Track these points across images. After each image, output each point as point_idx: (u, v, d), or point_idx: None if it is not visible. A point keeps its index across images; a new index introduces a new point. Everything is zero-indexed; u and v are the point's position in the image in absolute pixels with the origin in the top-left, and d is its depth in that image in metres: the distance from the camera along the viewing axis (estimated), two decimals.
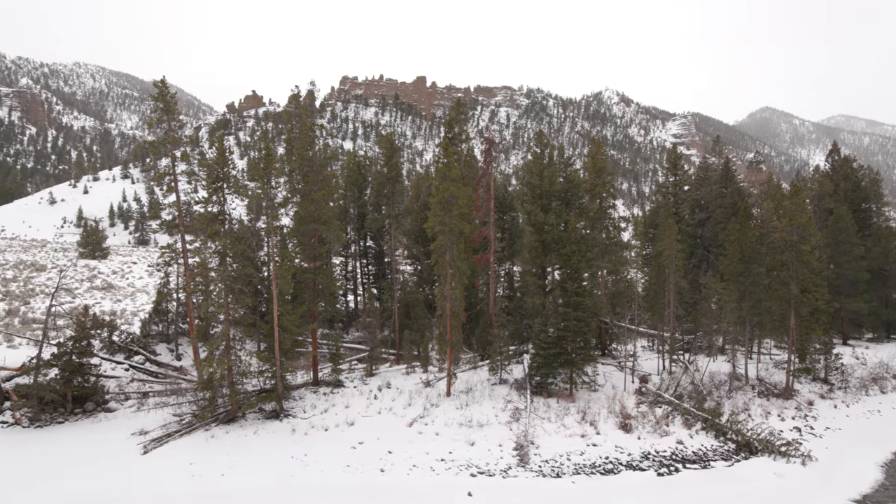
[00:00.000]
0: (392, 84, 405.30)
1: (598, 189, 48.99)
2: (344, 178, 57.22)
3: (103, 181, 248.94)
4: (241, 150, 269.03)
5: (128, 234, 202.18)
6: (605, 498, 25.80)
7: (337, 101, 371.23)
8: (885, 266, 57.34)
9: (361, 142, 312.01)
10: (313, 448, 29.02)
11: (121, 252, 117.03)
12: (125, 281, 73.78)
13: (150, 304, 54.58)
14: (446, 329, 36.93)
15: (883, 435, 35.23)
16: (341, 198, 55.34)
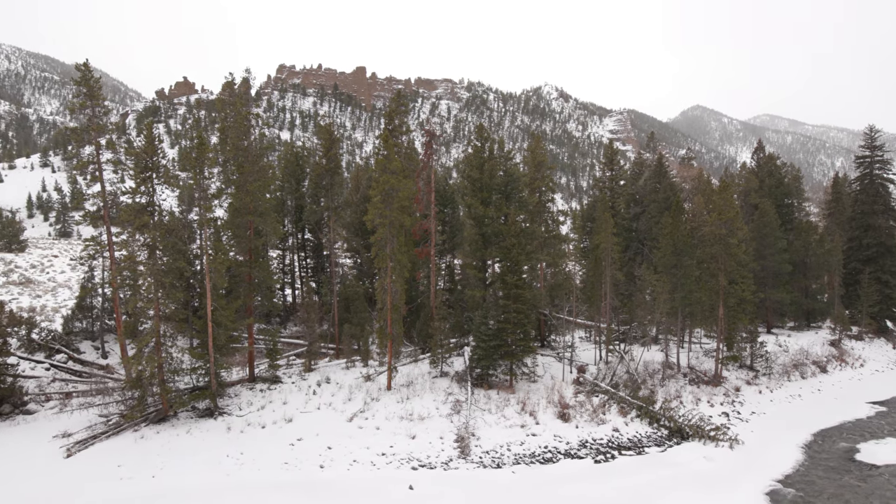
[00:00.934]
0: (331, 74, 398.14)
1: (538, 183, 49.57)
2: (281, 169, 55.91)
3: (20, 169, 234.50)
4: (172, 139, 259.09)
5: (48, 225, 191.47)
6: (544, 487, 26.21)
7: (273, 90, 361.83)
8: (806, 258, 60.46)
9: (299, 132, 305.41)
10: (250, 446, 28.28)
11: (40, 245, 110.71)
12: (45, 275, 70.00)
13: (73, 300, 52.00)
14: (387, 322, 36.66)
15: (803, 418, 37.29)
16: (278, 189, 54.07)
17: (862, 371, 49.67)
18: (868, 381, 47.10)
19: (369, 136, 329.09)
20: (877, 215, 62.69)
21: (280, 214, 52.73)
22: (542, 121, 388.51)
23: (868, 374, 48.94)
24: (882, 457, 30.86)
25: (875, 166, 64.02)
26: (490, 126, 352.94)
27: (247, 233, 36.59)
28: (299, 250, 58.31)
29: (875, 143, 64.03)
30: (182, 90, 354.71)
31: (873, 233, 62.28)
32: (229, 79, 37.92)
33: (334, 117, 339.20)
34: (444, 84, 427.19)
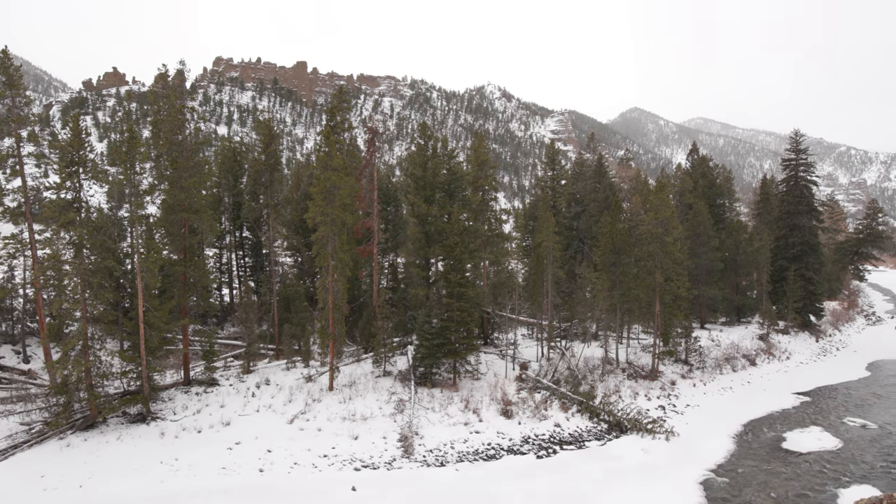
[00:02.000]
0: (271, 68, 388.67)
1: (481, 182, 49.79)
2: (218, 164, 54.20)
3: None
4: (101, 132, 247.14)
5: None
6: (488, 483, 26.36)
7: (210, 83, 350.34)
8: (736, 256, 62.98)
9: (237, 127, 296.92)
10: (185, 451, 27.30)
11: None
12: None
13: None
14: (328, 322, 36.11)
15: (734, 409, 38.81)
16: (215, 186, 52.45)
17: (788, 363, 52.11)
18: (793, 372, 49.43)
19: (310, 132, 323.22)
20: (801, 215, 65.84)
21: (217, 212, 51.15)
22: (485, 120, 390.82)
23: (793, 367, 51.37)
24: (806, 444, 32.45)
25: (800, 169, 67.17)
26: (433, 124, 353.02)
27: (181, 230, 35.26)
28: (237, 249, 56.71)
29: (800, 147, 67.18)
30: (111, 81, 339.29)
31: (798, 232, 65.40)
32: (163, 70, 36.33)
33: (274, 112, 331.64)
34: (387, 81, 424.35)
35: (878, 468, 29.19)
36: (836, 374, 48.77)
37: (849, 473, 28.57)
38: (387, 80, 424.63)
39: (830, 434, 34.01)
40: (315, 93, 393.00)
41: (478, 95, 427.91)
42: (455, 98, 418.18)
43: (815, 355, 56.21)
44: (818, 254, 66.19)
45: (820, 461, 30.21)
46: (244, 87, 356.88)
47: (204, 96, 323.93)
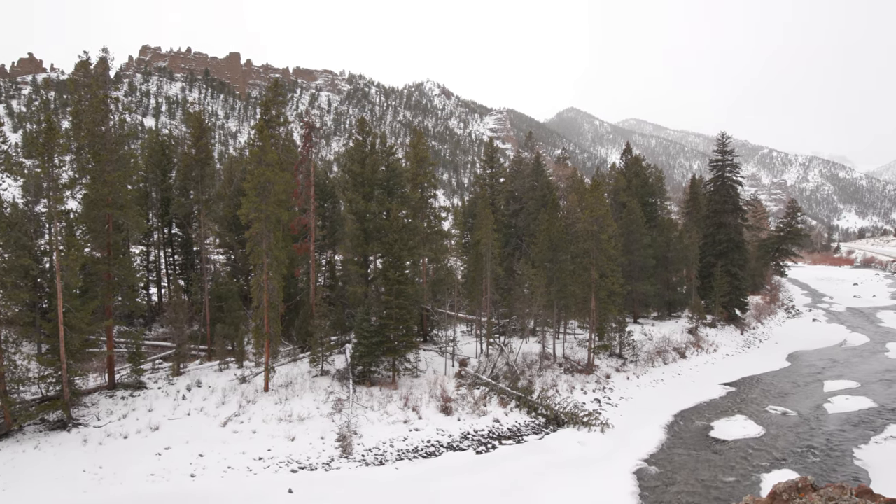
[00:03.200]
0: (202, 58, 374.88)
1: (420, 179, 49.57)
2: (144, 158, 51.77)
3: None
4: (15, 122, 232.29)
5: None
6: (427, 481, 26.37)
7: (136, 73, 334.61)
8: (667, 253, 65.05)
9: (166, 119, 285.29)
10: (110, 458, 26.02)
11: None
12: None
13: None
14: (263, 321, 35.15)
15: (666, 401, 40.19)
16: (141, 180, 50.15)
17: (715, 355, 54.29)
18: (720, 364, 51.56)
19: (244, 126, 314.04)
20: (727, 214, 68.73)
21: (143, 207, 48.86)
22: (424, 117, 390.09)
23: (720, 358, 53.57)
24: (732, 432, 33.92)
25: (726, 169, 70.08)
26: (372, 120, 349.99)
27: (105, 227, 33.50)
28: (166, 246, 54.43)
29: (726, 149, 70.08)
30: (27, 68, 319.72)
31: (724, 230, 68.25)
32: (84, 58, 34.35)
33: (205, 105, 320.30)
34: (324, 75, 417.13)
35: (797, 453, 30.80)
36: (759, 365, 51.18)
37: (770, 459, 30.04)
38: (324, 74, 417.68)
39: (754, 422, 35.62)
40: (249, 85, 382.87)
41: (417, 92, 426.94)
42: (394, 94, 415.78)
43: (740, 347, 58.83)
44: (743, 251, 69.34)
45: (744, 448, 31.61)
46: (173, 78, 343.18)
47: (129, 86, 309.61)
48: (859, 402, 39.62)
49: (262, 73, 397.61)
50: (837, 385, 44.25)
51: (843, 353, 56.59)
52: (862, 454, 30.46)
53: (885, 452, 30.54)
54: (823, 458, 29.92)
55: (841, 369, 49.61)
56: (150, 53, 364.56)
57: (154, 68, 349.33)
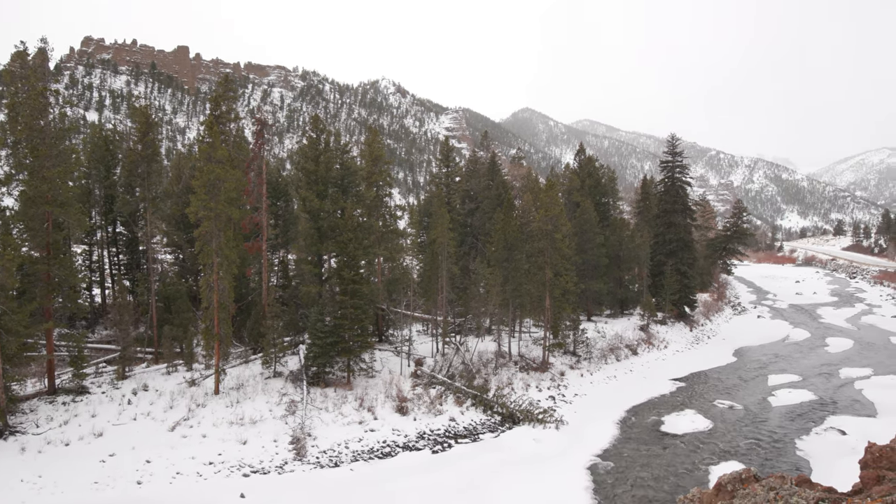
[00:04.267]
0: (148, 51, 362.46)
1: (375, 177, 49.16)
2: (87, 154, 49.71)
3: None
4: None
5: None
6: (383, 481, 26.16)
7: (78, 65, 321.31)
8: (620, 252, 66.20)
9: (110, 114, 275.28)
10: (50, 467, 24.87)
11: None
12: None
13: None
14: (213, 322, 34.33)
15: (619, 397, 40.90)
16: (83, 177, 48.16)
17: (666, 352, 55.57)
18: (671, 360, 52.78)
19: (193, 121, 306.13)
20: (677, 213, 70.42)
21: (86, 205, 46.93)
22: (379, 115, 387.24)
23: (671, 354, 54.86)
24: (681, 427, 34.75)
25: (676, 170, 71.72)
26: (326, 117, 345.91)
27: (44, 225, 31.99)
28: (110, 245, 52.45)
29: (676, 150, 71.73)
30: None
31: (674, 229, 69.91)
32: (21, 48, 32.79)
33: (152, 99, 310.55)
34: (276, 71, 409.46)
35: (742, 445, 31.76)
36: (707, 361, 52.59)
37: (718, 451, 30.88)
38: (277, 69, 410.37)
39: (703, 416, 36.56)
40: (198, 80, 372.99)
41: (372, 90, 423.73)
42: (349, 91, 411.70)
43: (690, 344, 60.33)
44: (692, 250, 71.14)
45: (694, 441, 32.41)
46: (118, 71, 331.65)
47: (71, 79, 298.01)
48: (801, 395, 41.15)
49: (211, 67, 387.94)
50: (780, 379, 45.85)
51: (785, 348, 58.69)
52: (803, 445, 31.61)
53: (824, 443, 31.76)
54: (768, 450, 30.95)
55: (784, 364, 51.42)
56: (93, 45, 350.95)
57: (97, 60, 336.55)
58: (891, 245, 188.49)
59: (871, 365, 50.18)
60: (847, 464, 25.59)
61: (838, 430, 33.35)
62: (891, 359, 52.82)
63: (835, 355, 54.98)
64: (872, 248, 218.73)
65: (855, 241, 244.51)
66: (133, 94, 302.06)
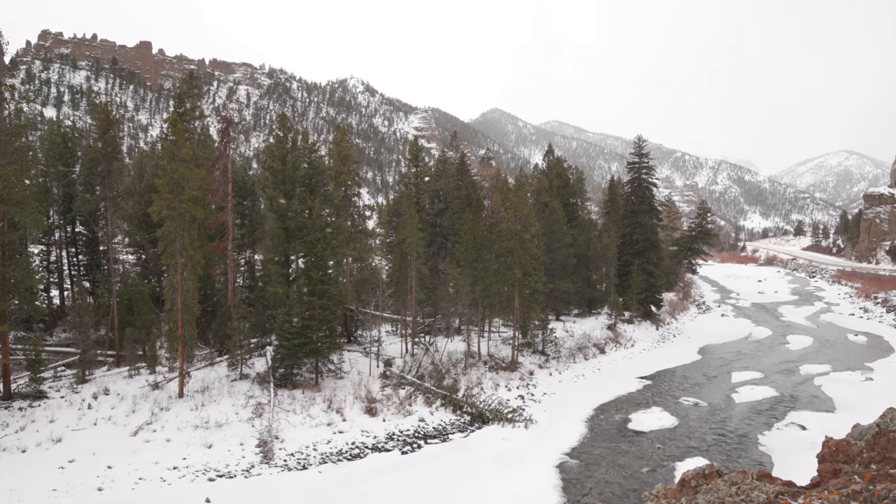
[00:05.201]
0: (109, 46, 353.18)
1: (344, 177, 48.75)
2: (45, 151, 48.26)
3: None
4: None
5: None
6: (352, 483, 25.91)
7: (35, 59, 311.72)
8: (587, 252, 66.83)
9: (69, 110, 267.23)
10: (6, 474, 24.01)
11: None
12: None
13: None
14: (177, 324, 33.57)
15: (587, 395, 41.24)
16: (41, 175, 46.76)
17: (633, 350, 56.26)
18: (637, 358, 53.42)
19: (156, 119, 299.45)
20: (643, 214, 71.40)
21: (43, 204, 45.52)
22: (347, 114, 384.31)
23: (637, 353, 55.54)
24: (648, 424, 35.17)
25: (643, 171, 72.71)
26: (294, 116, 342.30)
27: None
28: (69, 245, 50.99)
29: (642, 152, 72.72)
30: None
31: (641, 229, 70.86)
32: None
33: (113, 96, 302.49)
34: (243, 68, 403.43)
35: (707, 441, 32.25)
36: (673, 359, 53.36)
37: (684, 448, 31.31)
38: (243, 67, 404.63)
39: (669, 413, 37.08)
40: (161, 76, 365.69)
41: (340, 88, 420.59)
42: (317, 90, 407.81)
43: (656, 342, 61.20)
44: (658, 249, 72.21)
45: (660, 438, 32.81)
46: (77, 66, 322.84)
47: (27, 73, 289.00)
48: (763, 391, 42.03)
49: (175, 63, 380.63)
50: (744, 376, 46.78)
51: (748, 346, 59.94)
52: (765, 440, 32.27)
53: (785, 438, 32.47)
54: (732, 445, 31.52)
55: (747, 361, 52.48)
56: (51, 39, 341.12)
57: (55, 55, 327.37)
58: (848, 245, 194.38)
59: (829, 361, 51.54)
60: (807, 458, 25.96)
61: (799, 426, 34.14)
62: (848, 355, 54.37)
63: (795, 352, 56.36)
64: (831, 248, 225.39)
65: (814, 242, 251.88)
66: (93, 90, 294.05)
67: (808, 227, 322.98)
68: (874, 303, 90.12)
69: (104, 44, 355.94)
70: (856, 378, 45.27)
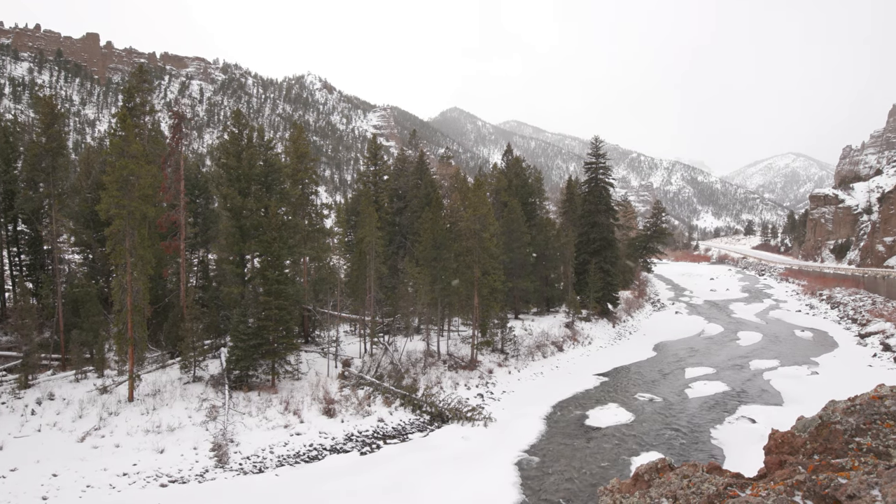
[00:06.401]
0: (53, 37, 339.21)
1: (301, 175, 48.01)
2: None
3: None
4: None
5: None
6: (310, 485, 25.58)
7: None
8: (546, 251, 67.48)
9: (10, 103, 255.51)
10: None
11: None
12: None
13: None
14: (127, 326, 32.43)
15: (545, 393, 41.59)
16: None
17: (590, 348, 57.02)
18: (595, 356, 54.19)
19: (104, 113, 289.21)
20: (600, 214, 72.40)
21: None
22: (305, 111, 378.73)
23: (595, 350, 56.34)
24: (604, 420, 35.65)
25: (599, 172, 73.71)
26: (249, 112, 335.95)
27: None
28: (10, 245, 48.79)
29: (599, 152, 73.69)
30: None
31: (598, 229, 71.86)
32: None
33: (58, 89, 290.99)
34: (196, 63, 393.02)
35: (662, 436, 32.86)
36: (629, 356, 54.31)
37: (639, 443, 31.80)
38: (196, 61, 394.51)
39: (625, 409, 37.64)
40: (110, 70, 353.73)
41: (297, 85, 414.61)
42: (273, 86, 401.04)
43: (613, 339, 62.19)
44: (614, 248, 73.39)
45: (617, 434, 33.26)
46: (18, 57, 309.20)
47: None
48: (715, 386, 43.09)
49: (125, 56, 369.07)
50: (697, 372, 47.90)
51: (701, 343, 61.45)
52: (718, 434, 33.03)
53: (736, 431, 33.32)
54: (685, 439, 32.17)
55: (700, 357, 53.77)
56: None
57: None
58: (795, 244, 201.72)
59: (777, 356, 53.22)
60: (756, 450, 26.66)
61: (749, 419, 35.07)
62: (795, 351, 56.23)
63: (745, 348, 58.01)
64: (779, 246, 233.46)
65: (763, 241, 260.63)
66: (36, 83, 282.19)
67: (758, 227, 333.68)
68: (819, 300, 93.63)
69: (48, 35, 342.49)
70: (802, 372, 46.80)
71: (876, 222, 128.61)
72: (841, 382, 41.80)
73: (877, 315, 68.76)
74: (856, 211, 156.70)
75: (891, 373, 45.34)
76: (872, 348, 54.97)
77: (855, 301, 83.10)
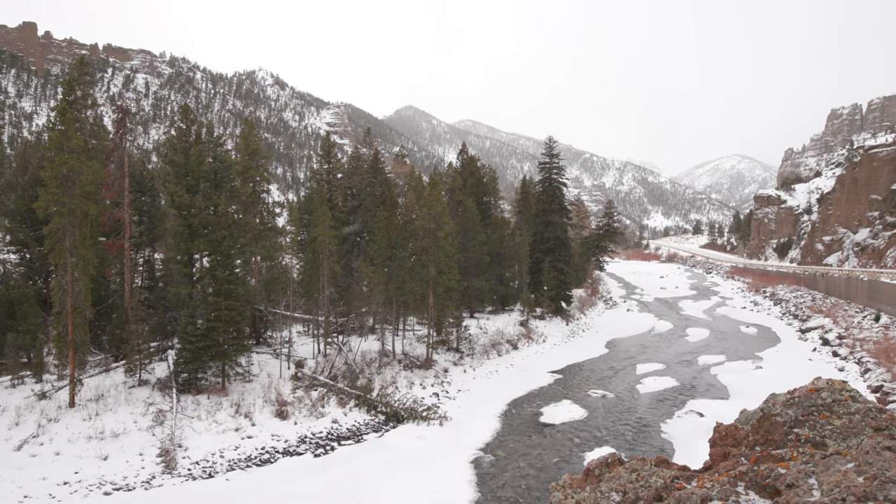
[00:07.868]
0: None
1: (252, 172, 47.02)
2: None
3: None
4: None
5: None
6: (262, 489, 25.13)
7: None
8: (500, 250, 67.91)
9: None
10: None
11: None
12: None
13: None
14: (67, 328, 31.05)
15: (500, 391, 41.83)
16: None
17: (544, 346, 57.63)
18: (549, 353, 54.76)
19: (42, 106, 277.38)
20: (554, 213, 73.33)
21: None
22: (256, 107, 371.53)
23: (549, 348, 56.95)
24: (558, 417, 36.02)
25: (553, 172, 74.62)
26: (197, 108, 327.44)
27: None
28: None
29: (553, 152, 74.63)
30: None
31: (551, 228, 72.75)
32: None
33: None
34: (141, 55, 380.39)
35: (614, 431, 33.39)
36: (582, 353, 55.06)
37: (592, 438, 32.24)
38: (141, 54, 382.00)
39: (578, 406, 38.07)
40: (48, 61, 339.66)
41: (248, 80, 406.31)
42: (223, 81, 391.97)
43: (566, 337, 63.00)
44: (568, 247, 74.42)
45: (570, 430, 33.65)
46: None
47: None
48: (665, 381, 44.10)
49: (64, 47, 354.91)
50: (647, 368, 48.92)
51: (652, 339, 62.84)
52: (667, 428, 33.77)
53: (684, 425, 34.13)
54: (637, 434, 32.78)
55: (650, 353, 54.96)
56: None
57: None
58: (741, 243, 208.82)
59: (724, 352, 54.84)
60: (703, 443, 27.40)
61: (697, 413, 35.96)
62: (741, 346, 58.06)
63: (694, 344, 59.59)
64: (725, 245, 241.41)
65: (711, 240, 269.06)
66: None
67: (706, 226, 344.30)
68: (763, 297, 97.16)
69: None
70: (747, 367, 48.32)
71: (815, 222, 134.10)
72: (783, 376, 43.22)
73: (816, 311, 71.67)
74: (797, 211, 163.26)
75: (829, 366, 47.27)
76: (812, 343, 57.15)
77: (796, 298, 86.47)
